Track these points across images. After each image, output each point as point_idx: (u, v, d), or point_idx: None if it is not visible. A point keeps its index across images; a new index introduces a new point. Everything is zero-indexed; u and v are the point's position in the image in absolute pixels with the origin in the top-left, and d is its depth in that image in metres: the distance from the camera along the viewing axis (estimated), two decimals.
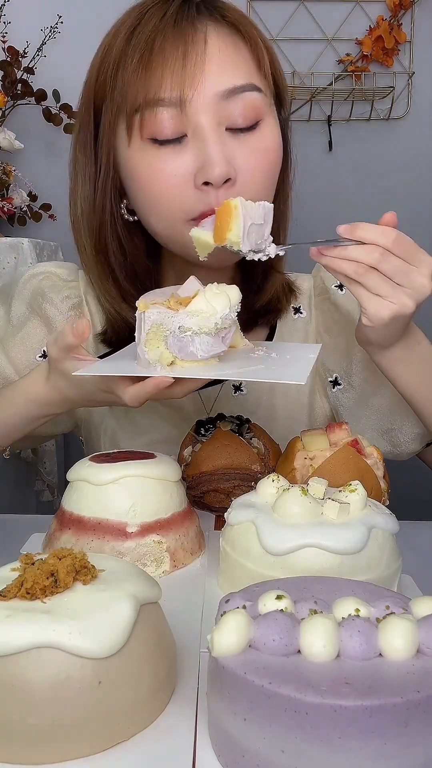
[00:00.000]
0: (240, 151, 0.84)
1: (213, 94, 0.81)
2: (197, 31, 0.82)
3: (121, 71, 0.83)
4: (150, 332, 0.72)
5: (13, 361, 1.02)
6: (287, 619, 0.45)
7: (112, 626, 0.48)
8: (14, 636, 0.46)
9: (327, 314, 1.06)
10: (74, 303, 1.04)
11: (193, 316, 0.71)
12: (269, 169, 0.87)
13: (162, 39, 0.81)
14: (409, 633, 0.44)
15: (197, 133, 0.82)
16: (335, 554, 0.61)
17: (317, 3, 2.31)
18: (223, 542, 0.69)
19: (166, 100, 0.81)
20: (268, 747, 0.42)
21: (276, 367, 0.77)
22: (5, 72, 2.13)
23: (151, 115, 0.82)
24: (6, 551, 0.74)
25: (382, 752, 0.40)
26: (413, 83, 2.36)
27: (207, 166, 0.81)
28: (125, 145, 0.85)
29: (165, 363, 0.73)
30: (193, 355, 0.73)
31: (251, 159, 0.84)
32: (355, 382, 1.04)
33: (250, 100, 0.84)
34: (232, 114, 0.83)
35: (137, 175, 0.86)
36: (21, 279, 1.05)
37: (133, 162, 0.85)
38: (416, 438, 1.02)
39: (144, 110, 0.82)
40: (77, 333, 0.76)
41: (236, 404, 1.05)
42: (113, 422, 1.06)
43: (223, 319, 0.72)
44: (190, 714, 0.51)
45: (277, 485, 0.68)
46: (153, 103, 0.81)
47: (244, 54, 0.85)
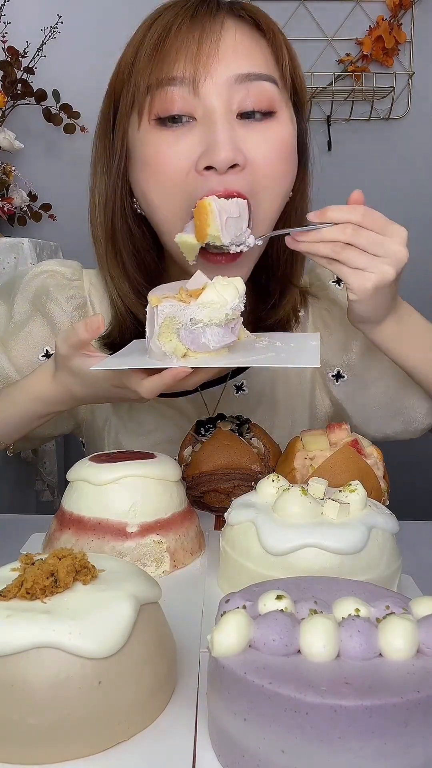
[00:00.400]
0: (252, 138, 0.83)
1: (226, 78, 0.81)
2: (215, 19, 0.82)
3: (137, 57, 0.83)
4: (163, 325, 0.73)
5: (14, 360, 1.01)
6: (287, 619, 0.45)
7: (112, 626, 0.48)
8: (14, 636, 0.46)
9: (324, 311, 1.06)
10: (78, 303, 1.03)
11: (205, 308, 0.72)
12: (282, 159, 0.86)
13: (179, 25, 0.82)
14: (409, 633, 0.44)
15: (207, 116, 0.81)
16: (335, 554, 0.61)
17: (317, 3, 2.31)
18: (223, 542, 0.69)
19: (178, 79, 0.81)
20: (268, 747, 0.42)
21: (285, 354, 0.79)
22: (5, 72, 2.13)
23: (162, 93, 0.82)
24: (6, 551, 0.74)
25: (382, 752, 0.40)
26: (413, 83, 2.37)
27: (213, 150, 0.80)
28: (135, 129, 0.85)
29: (179, 355, 0.74)
30: (205, 346, 0.74)
31: (262, 146, 0.83)
32: (358, 371, 1.04)
33: (265, 89, 0.83)
34: (243, 100, 0.82)
35: (144, 157, 0.85)
36: (24, 276, 1.04)
37: (141, 145, 0.85)
38: (430, 412, 1.03)
39: (155, 90, 0.82)
40: (91, 328, 0.76)
41: (238, 404, 1.05)
42: (117, 423, 1.05)
43: (233, 310, 0.73)
44: (190, 714, 0.51)
45: (277, 485, 0.68)
46: (165, 82, 0.81)
47: (262, 46, 0.85)
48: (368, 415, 1.05)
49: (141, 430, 1.05)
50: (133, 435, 1.05)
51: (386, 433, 1.06)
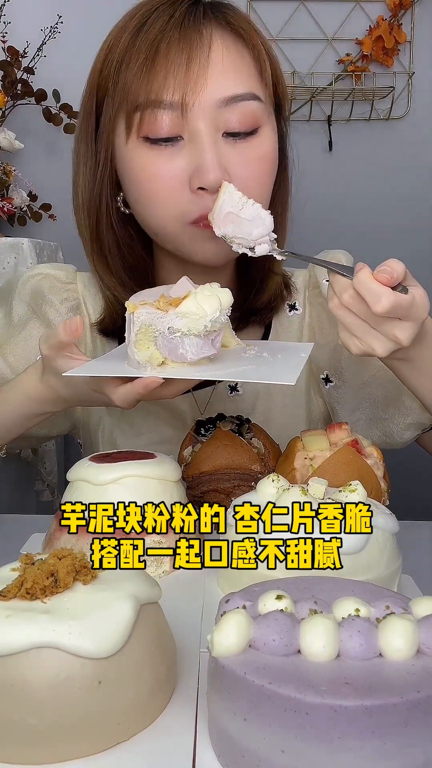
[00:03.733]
0: (235, 157, 0.84)
1: (213, 101, 0.82)
2: (202, 37, 0.83)
3: (125, 69, 0.83)
4: (139, 333, 0.72)
5: (11, 363, 1.02)
6: (287, 619, 0.45)
7: (112, 626, 0.48)
8: (14, 636, 0.46)
9: (320, 309, 1.06)
10: (72, 305, 1.04)
11: (183, 318, 0.71)
12: (264, 176, 0.88)
13: (167, 42, 0.82)
14: (409, 633, 0.44)
15: (194, 137, 0.83)
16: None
17: (317, 3, 2.31)
18: None
19: (166, 103, 0.82)
20: (268, 747, 0.42)
21: (266, 367, 0.77)
22: (5, 72, 2.13)
23: (151, 115, 0.83)
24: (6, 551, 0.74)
25: (382, 752, 0.40)
26: (413, 83, 2.36)
27: (202, 172, 0.82)
28: (123, 142, 0.87)
29: (155, 363, 0.73)
30: (182, 356, 0.73)
31: (246, 166, 0.85)
32: (347, 377, 1.04)
33: (249, 109, 0.85)
34: (229, 121, 0.84)
35: (133, 173, 0.87)
36: (19, 280, 1.05)
37: (130, 160, 0.86)
38: (409, 427, 1.02)
39: (144, 110, 0.83)
40: (69, 330, 0.76)
41: (232, 404, 1.05)
42: (110, 424, 1.06)
43: (213, 322, 0.72)
44: (190, 714, 0.51)
45: (277, 485, 0.68)
46: (154, 104, 0.82)
47: (246, 61, 0.85)
48: (353, 419, 1.05)
49: (134, 431, 1.05)
50: (126, 435, 1.05)
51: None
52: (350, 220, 2.32)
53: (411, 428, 1.02)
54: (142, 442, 1.04)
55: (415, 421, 1.01)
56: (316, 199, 2.23)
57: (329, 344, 1.04)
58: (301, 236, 1.06)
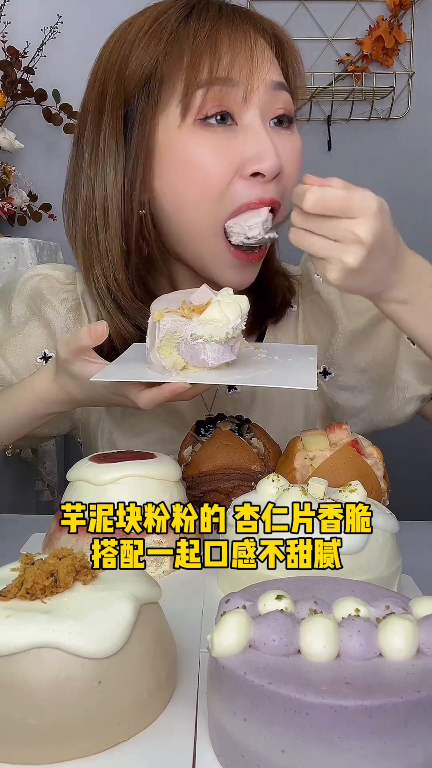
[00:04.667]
0: (284, 146, 0.86)
1: (268, 84, 0.84)
2: (255, 30, 0.85)
3: (176, 52, 0.82)
4: (164, 339, 0.74)
5: (11, 363, 1.02)
6: (287, 619, 0.45)
7: (112, 626, 0.48)
8: (14, 636, 0.46)
9: (313, 304, 1.06)
10: (72, 305, 1.03)
11: (206, 325, 0.73)
12: (299, 167, 0.89)
13: (227, 25, 0.83)
14: (409, 633, 0.44)
15: (251, 122, 0.84)
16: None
17: (317, 3, 2.31)
18: None
19: (234, 80, 0.82)
20: (268, 747, 0.42)
21: (283, 371, 0.79)
22: (5, 72, 2.13)
23: (218, 92, 0.82)
24: (6, 551, 0.74)
25: (382, 752, 0.40)
26: (413, 83, 2.37)
27: (262, 158, 0.83)
28: (175, 125, 0.84)
29: (178, 368, 0.75)
30: (204, 362, 0.74)
31: (291, 154, 0.87)
32: (343, 364, 1.04)
33: (288, 99, 0.88)
34: (276, 106, 0.86)
35: (185, 157, 0.84)
36: (19, 281, 1.05)
37: (183, 143, 0.83)
38: (409, 401, 1.03)
39: (210, 87, 0.82)
40: (95, 335, 0.76)
41: (231, 403, 1.05)
42: (110, 424, 1.06)
43: (234, 329, 0.73)
44: (190, 714, 0.51)
45: (277, 485, 0.68)
46: (221, 81, 0.82)
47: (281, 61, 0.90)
48: (358, 403, 1.06)
49: (134, 430, 1.05)
50: (126, 435, 1.05)
51: (374, 422, 1.06)
52: None
53: (411, 402, 1.03)
54: (141, 442, 1.04)
55: (415, 394, 1.02)
56: None
57: (324, 339, 1.05)
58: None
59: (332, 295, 1.03)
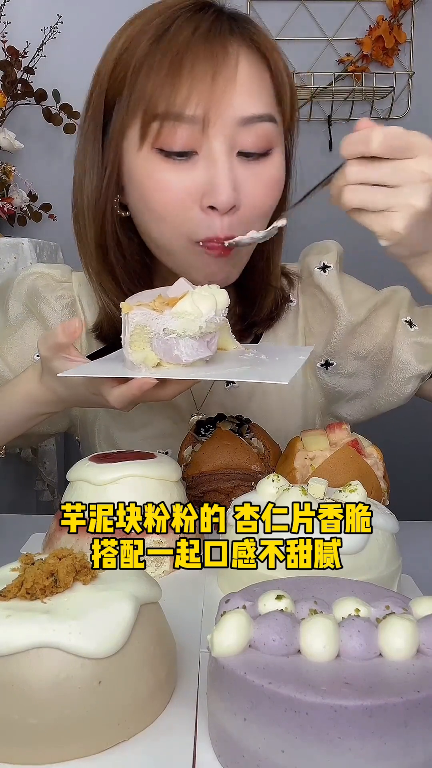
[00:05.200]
0: (248, 178, 0.84)
1: (234, 119, 0.81)
2: (228, 54, 0.81)
3: (144, 77, 0.81)
4: (134, 334, 0.72)
5: (9, 362, 1.02)
6: (287, 619, 0.45)
7: (112, 626, 0.48)
8: (14, 636, 0.46)
9: (313, 298, 1.06)
10: (67, 302, 1.04)
11: (178, 318, 0.70)
12: (271, 199, 0.88)
13: (194, 54, 0.80)
14: (409, 633, 0.44)
15: (211, 154, 0.82)
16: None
17: (317, 3, 2.31)
18: None
19: (188, 117, 0.80)
20: (268, 747, 0.42)
21: (262, 368, 0.76)
22: (5, 72, 2.13)
23: (171, 128, 0.81)
24: (6, 551, 0.74)
25: (382, 752, 0.40)
26: (413, 83, 2.37)
27: (215, 191, 0.81)
28: (134, 149, 0.84)
29: (150, 365, 0.73)
30: (177, 358, 0.72)
31: (258, 188, 0.85)
32: (342, 354, 1.04)
33: (266, 131, 0.84)
34: (246, 141, 0.83)
35: (143, 183, 0.85)
36: (15, 279, 1.06)
37: (141, 169, 0.84)
38: (409, 381, 1.03)
39: (164, 121, 0.81)
40: (68, 332, 0.76)
41: (229, 397, 1.05)
42: (107, 419, 1.06)
43: (208, 323, 0.71)
44: (190, 714, 0.51)
45: (277, 485, 0.68)
46: (175, 116, 0.80)
47: (267, 83, 0.85)
48: (359, 387, 1.06)
49: (130, 426, 1.05)
50: (123, 430, 1.05)
51: (374, 405, 1.07)
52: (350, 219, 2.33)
53: (411, 381, 1.03)
54: (138, 437, 1.04)
55: (414, 374, 1.02)
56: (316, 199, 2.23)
57: (324, 332, 1.05)
58: (301, 236, 1.06)
59: (333, 288, 1.03)
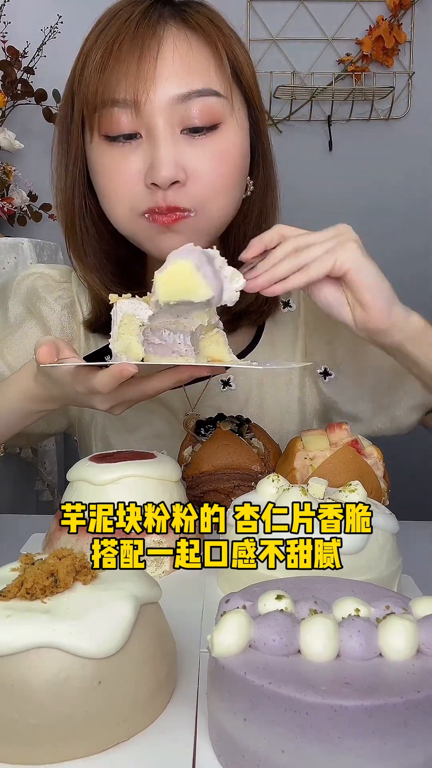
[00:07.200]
0: (193, 154, 0.85)
1: (167, 98, 0.83)
2: (155, 34, 0.83)
3: (86, 68, 0.85)
4: (122, 325, 0.71)
5: (9, 362, 1.02)
6: (287, 619, 0.45)
7: (112, 626, 0.48)
8: (14, 636, 0.46)
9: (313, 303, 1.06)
10: (66, 303, 1.05)
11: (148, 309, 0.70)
12: (227, 173, 0.87)
13: (120, 42, 0.83)
14: (409, 633, 0.44)
15: (150, 134, 0.84)
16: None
17: (317, 3, 2.31)
18: None
19: (120, 101, 0.83)
20: (268, 747, 0.42)
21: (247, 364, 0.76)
22: (5, 72, 2.14)
23: (108, 114, 0.84)
24: (6, 551, 0.74)
25: (382, 752, 0.40)
26: (413, 83, 2.37)
27: (154, 168, 0.83)
28: (88, 141, 0.88)
29: (133, 355, 0.72)
30: (164, 351, 0.72)
31: (205, 160, 0.85)
32: (344, 367, 1.05)
33: (208, 105, 0.84)
34: (187, 117, 0.84)
35: (96, 171, 0.89)
36: (14, 280, 1.07)
37: (95, 158, 0.88)
38: (413, 409, 1.03)
39: (101, 109, 0.84)
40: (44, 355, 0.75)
41: (224, 399, 1.05)
42: (103, 420, 1.06)
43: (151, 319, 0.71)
44: (190, 714, 0.51)
45: (277, 485, 0.68)
46: (109, 103, 0.83)
47: (204, 57, 0.85)
48: (356, 410, 1.06)
49: (127, 427, 1.05)
50: (119, 431, 1.05)
51: (373, 429, 1.06)
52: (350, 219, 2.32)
53: (415, 410, 1.03)
54: (134, 438, 1.04)
55: (419, 403, 1.02)
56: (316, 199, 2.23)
57: (325, 337, 1.04)
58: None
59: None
